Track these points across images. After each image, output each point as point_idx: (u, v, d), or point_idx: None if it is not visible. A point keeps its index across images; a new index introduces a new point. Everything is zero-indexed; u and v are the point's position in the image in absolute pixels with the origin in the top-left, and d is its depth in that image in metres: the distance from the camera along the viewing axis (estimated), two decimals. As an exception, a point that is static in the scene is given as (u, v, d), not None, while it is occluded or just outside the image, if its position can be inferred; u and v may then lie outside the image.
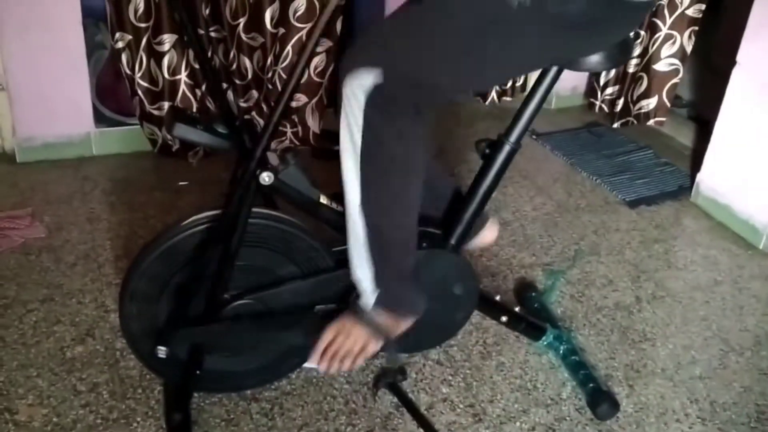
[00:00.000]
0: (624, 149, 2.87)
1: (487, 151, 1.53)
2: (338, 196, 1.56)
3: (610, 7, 1.25)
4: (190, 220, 1.41)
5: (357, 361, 1.46)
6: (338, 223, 1.50)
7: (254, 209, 1.40)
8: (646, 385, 1.74)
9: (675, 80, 2.81)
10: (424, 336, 1.66)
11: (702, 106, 3.11)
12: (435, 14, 1.25)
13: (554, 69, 1.42)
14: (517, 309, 1.79)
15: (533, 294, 1.97)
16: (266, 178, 1.34)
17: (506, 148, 1.49)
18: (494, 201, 2.43)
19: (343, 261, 1.53)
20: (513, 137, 1.49)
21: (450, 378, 1.72)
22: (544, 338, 1.78)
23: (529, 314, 1.85)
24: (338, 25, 2.55)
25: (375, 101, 1.24)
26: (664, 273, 2.16)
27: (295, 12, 2.45)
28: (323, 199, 1.47)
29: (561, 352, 1.77)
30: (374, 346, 1.45)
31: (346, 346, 1.43)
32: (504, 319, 1.74)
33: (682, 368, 1.80)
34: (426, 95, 1.29)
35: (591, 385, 1.68)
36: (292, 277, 1.51)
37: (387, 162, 1.31)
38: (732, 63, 2.35)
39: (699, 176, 2.53)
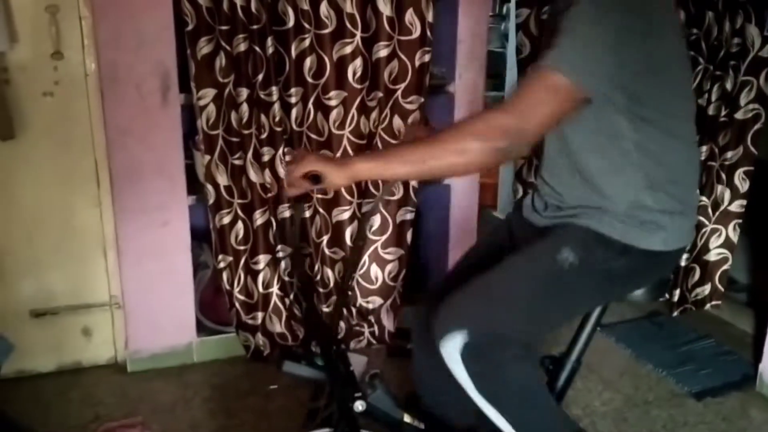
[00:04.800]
0: (685, 339, 2.98)
1: (551, 367, 1.74)
2: (418, 409, 1.76)
3: (648, 257, 1.50)
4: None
5: None
6: (421, 439, 1.70)
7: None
8: None
9: (725, 267, 2.98)
10: None
11: (758, 289, 3.22)
12: (502, 280, 1.54)
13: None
14: None
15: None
16: (359, 406, 1.56)
17: (568, 367, 1.70)
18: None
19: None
20: (573, 357, 1.70)
21: None
22: None
23: None
24: (408, 236, 2.87)
25: (467, 356, 1.50)
26: (735, 469, 2.22)
27: (371, 227, 2.79)
28: (407, 418, 1.67)
29: None
30: None
31: None
32: None
33: None
34: (505, 343, 1.53)
35: None
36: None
37: (508, 391, 1.54)
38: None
39: (761, 366, 2.61)
